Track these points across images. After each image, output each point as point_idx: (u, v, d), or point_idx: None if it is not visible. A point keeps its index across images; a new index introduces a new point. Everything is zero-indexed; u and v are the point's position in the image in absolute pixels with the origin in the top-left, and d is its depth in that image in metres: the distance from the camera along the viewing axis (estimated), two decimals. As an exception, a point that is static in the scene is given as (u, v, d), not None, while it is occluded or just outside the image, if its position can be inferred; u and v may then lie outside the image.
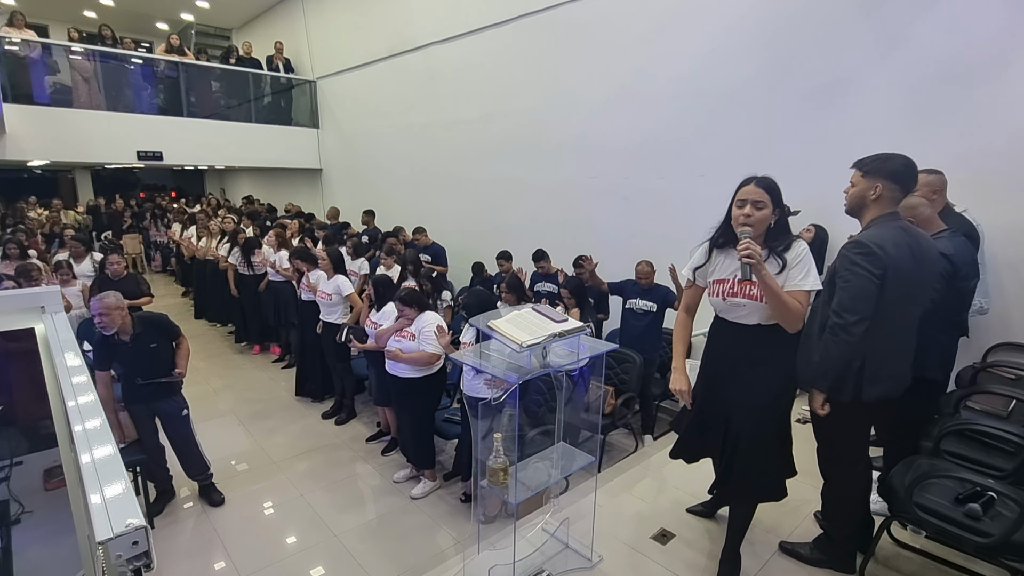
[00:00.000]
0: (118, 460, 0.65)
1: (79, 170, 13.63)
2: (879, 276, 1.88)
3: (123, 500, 0.58)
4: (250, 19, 12.17)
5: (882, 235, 1.92)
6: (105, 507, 0.56)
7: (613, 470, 3.80)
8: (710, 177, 4.67)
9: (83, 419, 0.75)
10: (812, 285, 1.87)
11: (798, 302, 1.85)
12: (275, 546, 3.12)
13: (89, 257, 5.24)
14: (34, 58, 7.80)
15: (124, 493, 0.60)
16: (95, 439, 0.69)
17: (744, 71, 4.37)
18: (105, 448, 0.67)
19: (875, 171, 1.98)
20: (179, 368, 3.25)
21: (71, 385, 0.86)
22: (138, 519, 0.55)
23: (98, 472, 0.63)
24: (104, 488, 0.61)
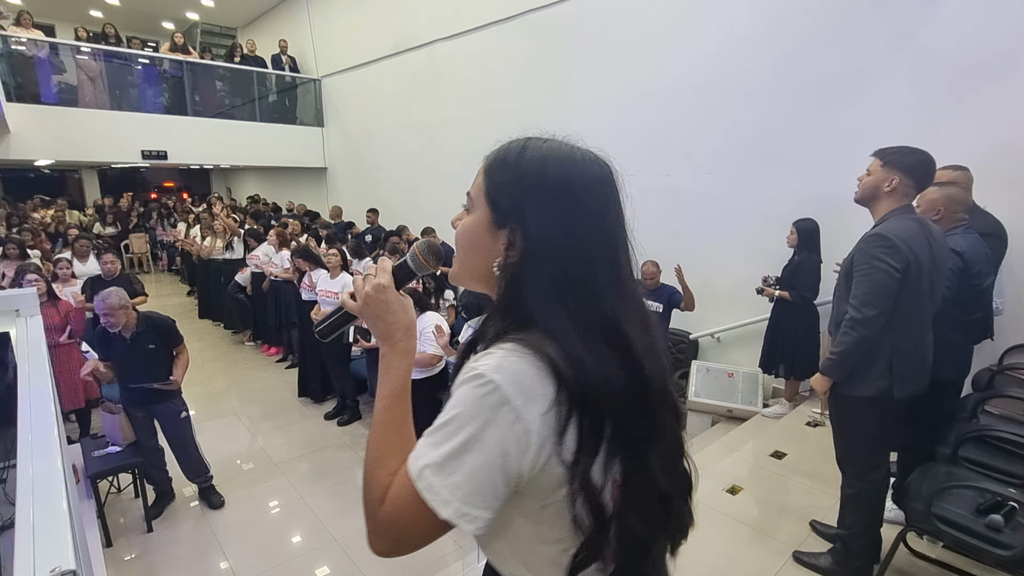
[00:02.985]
0: (59, 488, 0.59)
1: (86, 170, 13.68)
2: (900, 271, 1.84)
3: (56, 539, 0.51)
4: (255, 17, 12.16)
5: (903, 228, 1.87)
6: (32, 547, 0.50)
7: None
8: (718, 175, 4.58)
9: (32, 430, 0.69)
10: None
11: None
12: (275, 550, 3.07)
13: (92, 256, 5.22)
14: (41, 57, 7.81)
15: (60, 532, 0.53)
16: (38, 456, 0.63)
17: (752, 66, 4.28)
18: (49, 482, 0.61)
19: (895, 163, 1.92)
20: (175, 376, 3.19)
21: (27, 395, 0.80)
22: (69, 562, 0.48)
23: (34, 497, 0.57)
24: (36, 520, 0.54)
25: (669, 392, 0.73)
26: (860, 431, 2.08)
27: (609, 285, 0.69)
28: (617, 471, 0.67)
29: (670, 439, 0.73)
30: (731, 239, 4.53)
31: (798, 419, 3.76)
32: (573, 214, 0.70)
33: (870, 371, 1.95)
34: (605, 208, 0.72)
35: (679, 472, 0.76)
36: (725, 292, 4.53)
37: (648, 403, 0.68)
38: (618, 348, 0.66)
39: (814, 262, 3.66)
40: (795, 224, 3.76)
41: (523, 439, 0.62)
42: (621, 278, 0.71)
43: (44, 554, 0.47)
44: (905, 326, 1.92)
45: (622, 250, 0.73)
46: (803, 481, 2.99)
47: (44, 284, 3.61)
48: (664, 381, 0.71)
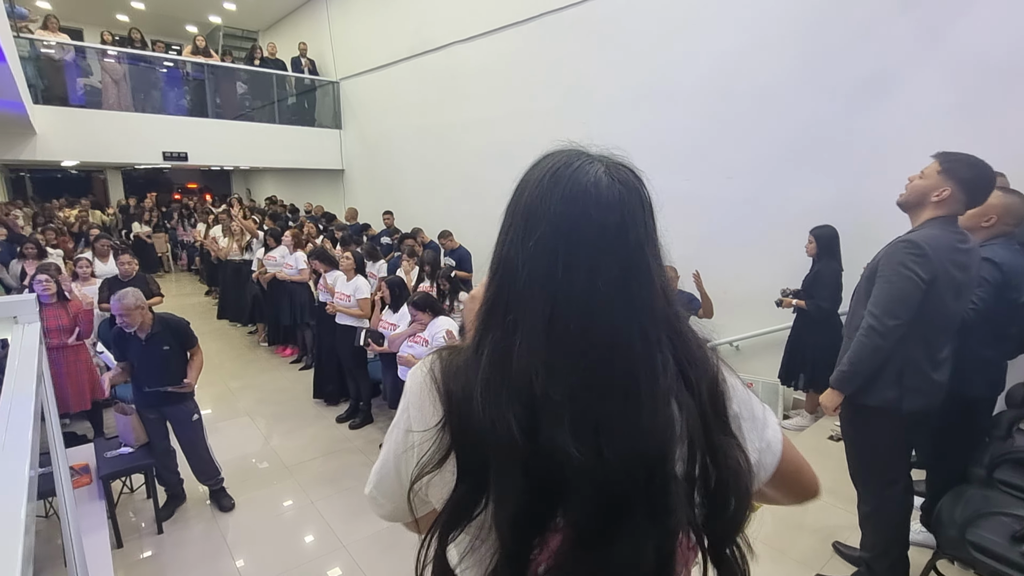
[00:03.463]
0: (16, 549, 0.54)
1: (110, 170, 13.97)
2: (926, 281, 1.74)
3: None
4: (276, 20, 12.30)
5: (937, 238, 1.76)
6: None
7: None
8: (737, 180, 4.48)
9: (3, 448, 0.65)
10: None
11: None
12: (283, 555, 3.05)
13: (112, 256, 5.28)
14: (67, 61, 7.99)
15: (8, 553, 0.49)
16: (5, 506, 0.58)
17: (774, 68, 4.17)
18: (9, 532, 0.56)
19: (954, 173, 1.78)
20: (188, 379, 3.19)
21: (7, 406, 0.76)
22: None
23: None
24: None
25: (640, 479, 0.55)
26: (869, 443, 1.99)
27: (540, 337, 0.56)
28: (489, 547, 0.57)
29: (623, 545, 0.55)
30: (751, 245, 4.42)
31: (819, 432, 3.64)
32: (525, 234, 0.61)
33: (877, 380, 1.86)
34: (578, 252, 0.57)
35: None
36: (744, 299, 4.42)
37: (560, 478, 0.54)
38: (524, 403, 0.55)
39: (834, 271, 3.54)
40: (813, 232, 3.64)
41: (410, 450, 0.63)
42: (561, 335, 0.56)
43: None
44: (920, 337, 1.82)
45: (579, 305, 0.56)
46: (824, 498, 2.88)
47: (55, 285, 3.64)
48: (625, 465, 0.54)
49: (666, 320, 0.59)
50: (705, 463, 0.59)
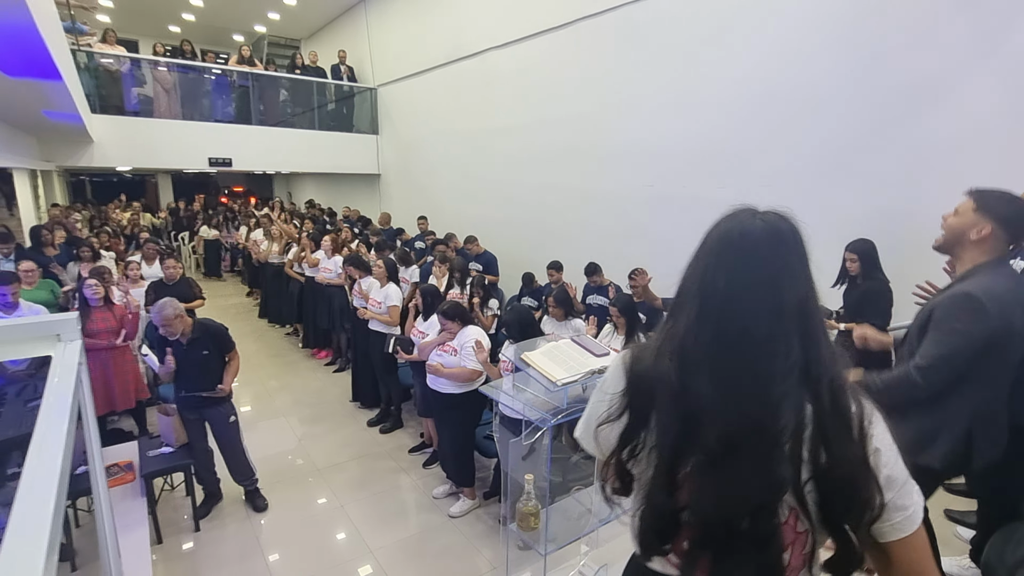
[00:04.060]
0: (40, 557, 0.57)
1: (161, 174, 14.63)
2: (982, 340, 1.64)
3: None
4: (318, 29, 12.65)
5: (996, 286, 1.65)
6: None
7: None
8: (777, 188, 4.33)
9: (32, 493, 0.68)
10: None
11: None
12: (312, 557, 3.11)
13: (159, 259, 5.52)
14: (123, 72, 8.41)
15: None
16: (33, 501, 0.61)
17: (819, 72, 4.02)
18: (36, 547, 0.59)
19: (990, 209, 1.68)
20: (223, 384, 3.29)
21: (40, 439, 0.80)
22: None
23: (14, 545, 0.55)
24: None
25: (760, 432, 0.76)
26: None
27: (692, 322, 0.83)
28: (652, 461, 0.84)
29: (735, 471, 0.77)
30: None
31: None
32: (694, 262, 0.89)
33: (938, 439, 1.75)
34: (721, 268, 0.84)
35: (728, 504, 0.77)
36: (783, 312, 4.27)
37: (698, 420, 0.79)
38: (679, 363, 0.82)
39: (884, 288, 3.32)
40: (852, 248, 3.39)
41: (602, 406, 0.93)
42: (705, 321, 0.83)
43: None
44: (988, 392, 1.73)
45: (721, 301, 0.83)
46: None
47: (103, 290, 3.82)
48: (749, 422, 0.77)
49: (799, 325, 0.79)
50: (817, 448, 0.76)
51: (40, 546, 0.57)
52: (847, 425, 0.77)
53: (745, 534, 0.76)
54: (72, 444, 0.92)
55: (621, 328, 3.59)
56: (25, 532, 0.60)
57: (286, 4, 10.86)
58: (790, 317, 0.78)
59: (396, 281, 4.68)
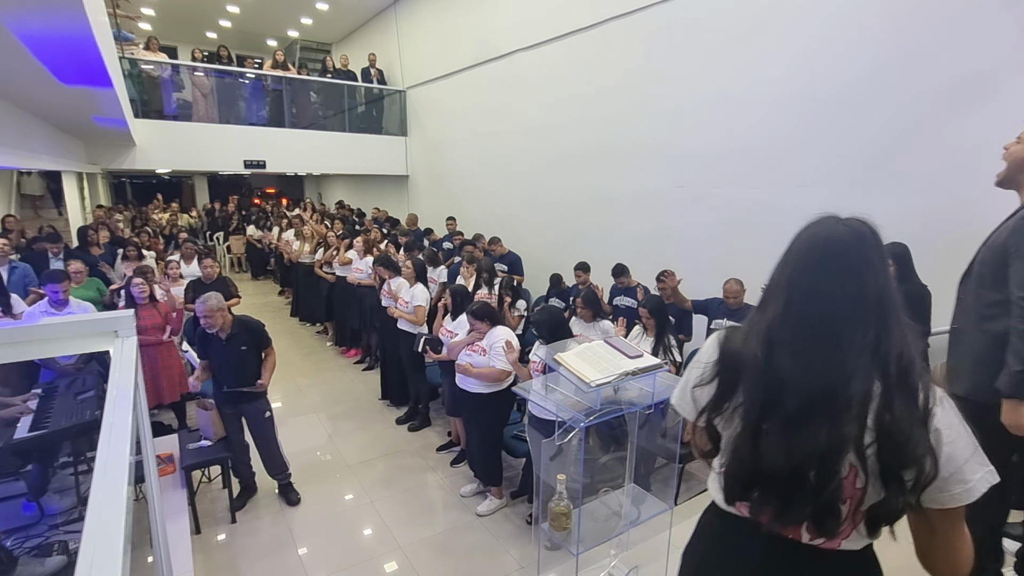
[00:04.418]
0: (119, 530, 0.61)
1: (197, 176, 15.09)
2: None
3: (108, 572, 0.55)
4: (348, 33, 12.88)
5: None
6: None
7: (691, 505, 3.53)
8: (811, 188, 4.24)
9: (105, 480, 0.72)
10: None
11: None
12: (343, 552, 3.17)
13: (197, 258, 5.71)
14: (164, 78, 8.72)
15: (111, 570, 0.56)
16: (108, 514, 0.65)
17: (856, 70, 3.92)
18: (114, 532, 0.63)
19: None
20: (262, 380, 3.40)
21: (108, 431, 0.84)
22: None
23: (96, 544, 0.59)
24: (94, 563, 0.57)
25: (829, 399, 0.90)
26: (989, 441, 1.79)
27: (779, 308, 0.98)
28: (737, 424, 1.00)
29: (808, 429, 0.90)
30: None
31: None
32: (783, 263, 1.03)
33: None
34: (808, 267, 0.98)
35: (799, 456, 0.90)
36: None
37: (778, 391, 0.93)
38: (765, 342, 0.97)
39: (920, 287, 3.23)
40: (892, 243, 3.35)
41: (697, 374, 1.09)
42: (790, 307, 0.97)
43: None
44: None
45: (806, 295, 0.96)
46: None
47: (148, 288, 3.98)
48: (820, 392, 0.90)
49: (876, 312, 0.91)
50: (882, 414, 0.88)
51: (118, 528, 0.61)
52: (912, 397, 0.88)
53: (809, 484, 0.90)
54: (135, 434, 0.97)
55: (651, 330, 3.56)
56: (104, 516, 0.64)
57: (318, 9, 11.08)
58: (869, 305, 0.91)
59: (424, 281, 4.74)
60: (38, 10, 1.87)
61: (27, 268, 4.69)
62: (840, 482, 0.90)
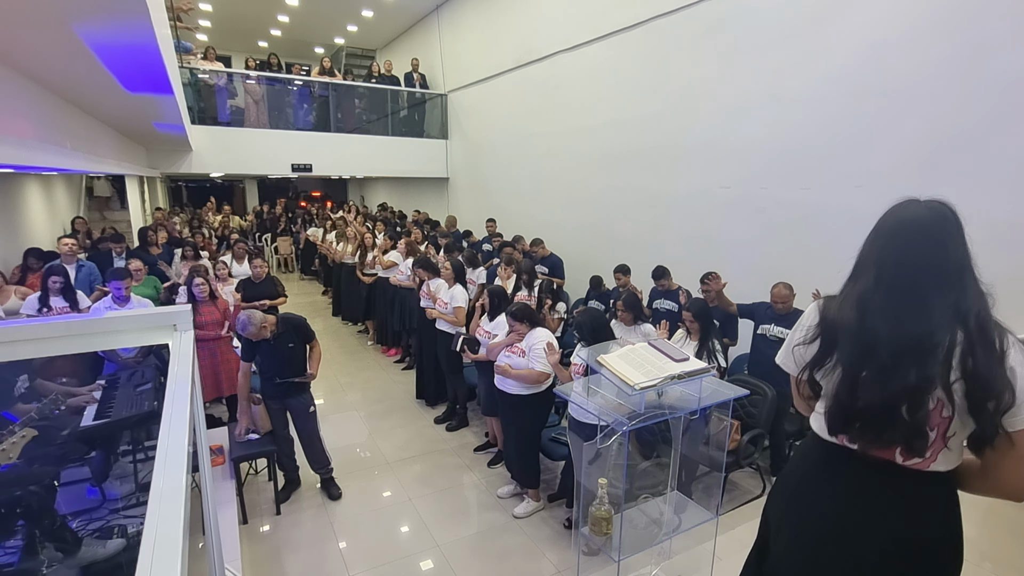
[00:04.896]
0: (179, 530, 0.63)
1: (248, 180, 15.72)
2: None
3: (169, 561, 0.56)
4: (392, 39, 13.16)
5: None
6: (151, 566, 0.55)
7: (736, 515, 3.42)
8: (869, 188, 4.05)
9: (166, 468, 0.75)
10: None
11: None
12: (382, 547, 3.22)
13: (247, 258, 5.93)
14: (219, 85, 9.13)
15: (172, 553, 0.58)
16: (169, 499, 0.68)
17: (918, 64, 3.72)
18: (174, 513, 0.65)
19: None
20: (310, 370, 3.51)
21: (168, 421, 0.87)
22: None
23: (156, 540, 0.61)
24: (155, 558, 0.59)
25: (910, 355, 1.09)
26: None
27: (872, 277, 1.17)
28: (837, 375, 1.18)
29: (899, 374, 1.09)
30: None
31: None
32: (871, 240, 1.21)
33: None
34: (896, 243, 1.16)
35: (892, 394, 1.09)
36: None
37: (868, 351, 1.13)
38: (858, 307, 1.16)
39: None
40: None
41: (800, 336, 1.28)
42: (881, 276, 1.16)
43: (159, 571, 0.52)
44: None
45: (894, 267, 1.15)
46: (983, 565, 2.50)
47: (208, 287, 4.15)
48: (901, 350, 1.09)
49: (957, 278, 1.10)
50: (965, 357, 1.06)
51: (178, 512, 0.63)
52: (990, 344, 1.06)
53: (901, 416, 1.09)
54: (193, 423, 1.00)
55: (695, 334, 3.47)
56: (165, 500, 0.66)
57: (364, 16, 11.37)
58: (950, 273, 1.09)
59: (463, 282, 4.77)
60: (110, 22, 1.99)
61: (92, 267, 4.98)
62: (928, 412, 1.08)
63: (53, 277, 3.94)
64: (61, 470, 2.43)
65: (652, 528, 2.20)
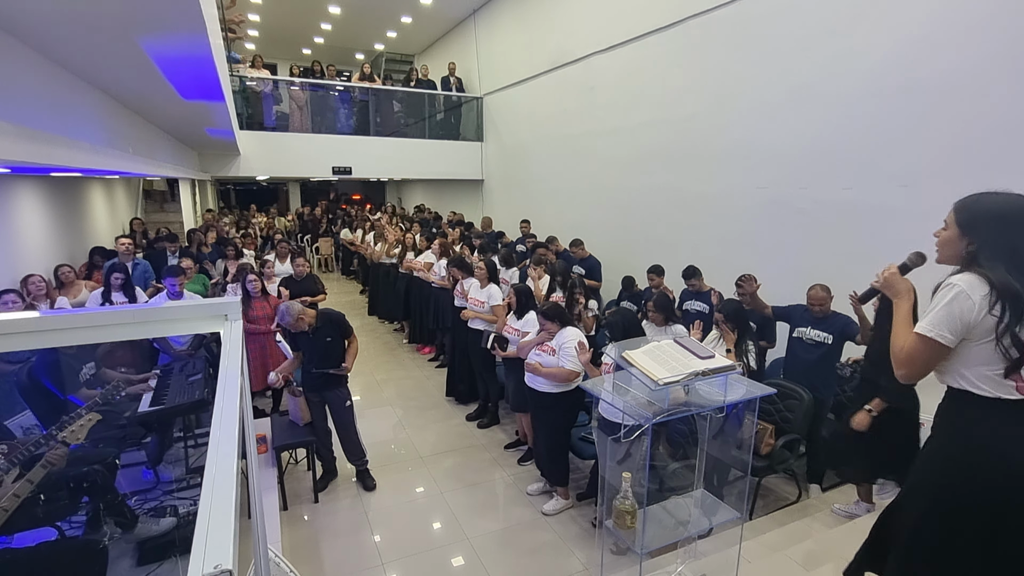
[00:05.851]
0: (231, 501, 0.70)
1: (291, 182, 16.27)
2: None
3: (222, 540, 0.62)
4: (430, 44, 13.41)
5: None
6: (205, 544, 0.61)
7: (767, 520, 3.37)
8: (915, 187, 3.91)
9: (219, 446, 0.83)
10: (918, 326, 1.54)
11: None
12: (414, 538, 3.32)
13: (290, 257, 6.17)
14: (265, 92, 9.52)
15: (226, 533, 0.64)
16: (222, 472, 0.75)
17: (966, 55, 3.56)
18: (226, 485, 0.73)
19: None
20: (346, 364, 3.64)
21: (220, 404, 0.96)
22: (228, 562, 0.58)
23: (211, 509, 0.68)
24: (210, 525, 0.66)
25: None
26: None
27: (1011, 261, 1.40)
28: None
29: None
30: (931, 266, 3.82)
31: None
32: (999, 229, 1.44)
33: None
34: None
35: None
36: (918, 326, 3.83)
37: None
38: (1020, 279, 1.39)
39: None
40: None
41: (970, 306, 1.41)
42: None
43: (212, 554, 0.58)
44: None
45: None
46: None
47: (260, 283, 4.37)
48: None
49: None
50: None
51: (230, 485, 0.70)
52: None
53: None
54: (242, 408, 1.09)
55: (728, 338, 3.43)
56: (218, 479, 0.74)
57: (403, 23, 11.64)
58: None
59: (496, 282, 4.84)
60: (171, 36, 2.16)
61: (147, 265, 5.30)
62: None
63: (115, 274, 4.23)
64: (121, 452, 2.62)
65: (679, 528, 2.21)
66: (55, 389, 2.47)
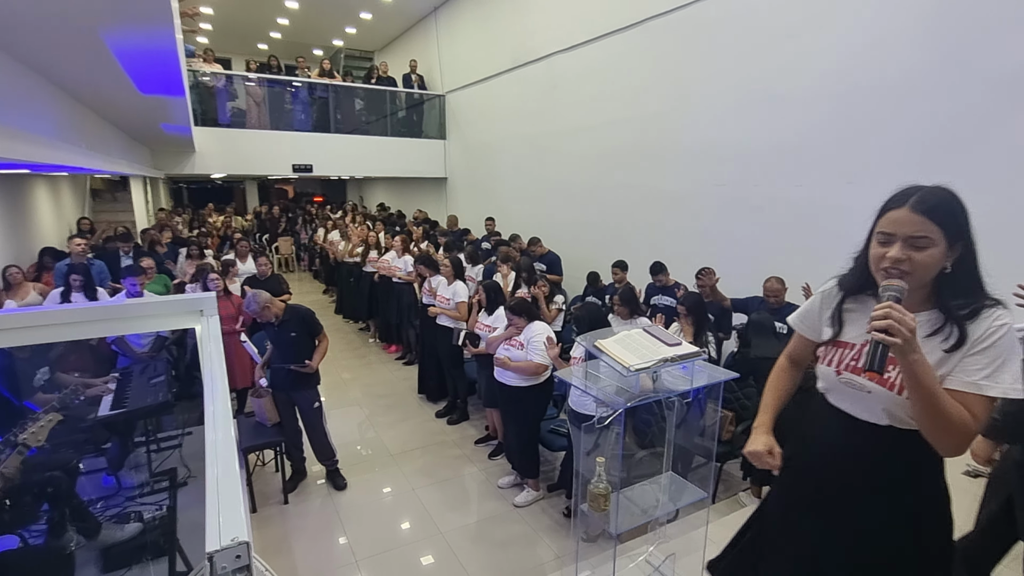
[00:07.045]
0: (236, 476, 0.73)
1: (248, 181, 15.79)
2: None
3: (234, 514, 0.65)
4: (390, 41, 13.26)
5: None
6: (219, 519, 0.63)
7: (730, 502, 3.54)
8: (860, 184, 4.16)
9: (216, 428, 0.85)
10: (1000, 390, 1.11)
11: (968, 412, 1.10)
12: (387, 535, 3.32)
13: (251, 257, 6.03)
14: (220, 88, 9.22)
15: (236, 508, 0.67)
16: (223, 451, 0.78)
17: (909, 60, 3.80)
18: (229, 462, 0.75)
19: None
20: (310, 361, 3.57)
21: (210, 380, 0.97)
22: (243, 535, 0.61)
23: (219, 485, 0.71)
24: (220, 501, 0.68)
25: None
26: None
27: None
28: None
29: None
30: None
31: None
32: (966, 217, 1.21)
33: None
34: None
35: None
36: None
37: None
38: None
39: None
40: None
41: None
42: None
43: (227, 529, 0.61)
44: None
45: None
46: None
47: (222, 282, 4.26)
48: None
49: None
50: None
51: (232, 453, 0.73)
52: None
53: None
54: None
55: (688, 328, 3.58)
56: (222, 465, 0.76)
57: (362, 19, 11.47)
58: None
59: (463, 279, 4.88)
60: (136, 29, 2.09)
61: (102, 265, 5.08)
62: None
63: (74, 276, 4.06)
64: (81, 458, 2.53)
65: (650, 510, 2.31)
66: (10, 395, 2.37)
